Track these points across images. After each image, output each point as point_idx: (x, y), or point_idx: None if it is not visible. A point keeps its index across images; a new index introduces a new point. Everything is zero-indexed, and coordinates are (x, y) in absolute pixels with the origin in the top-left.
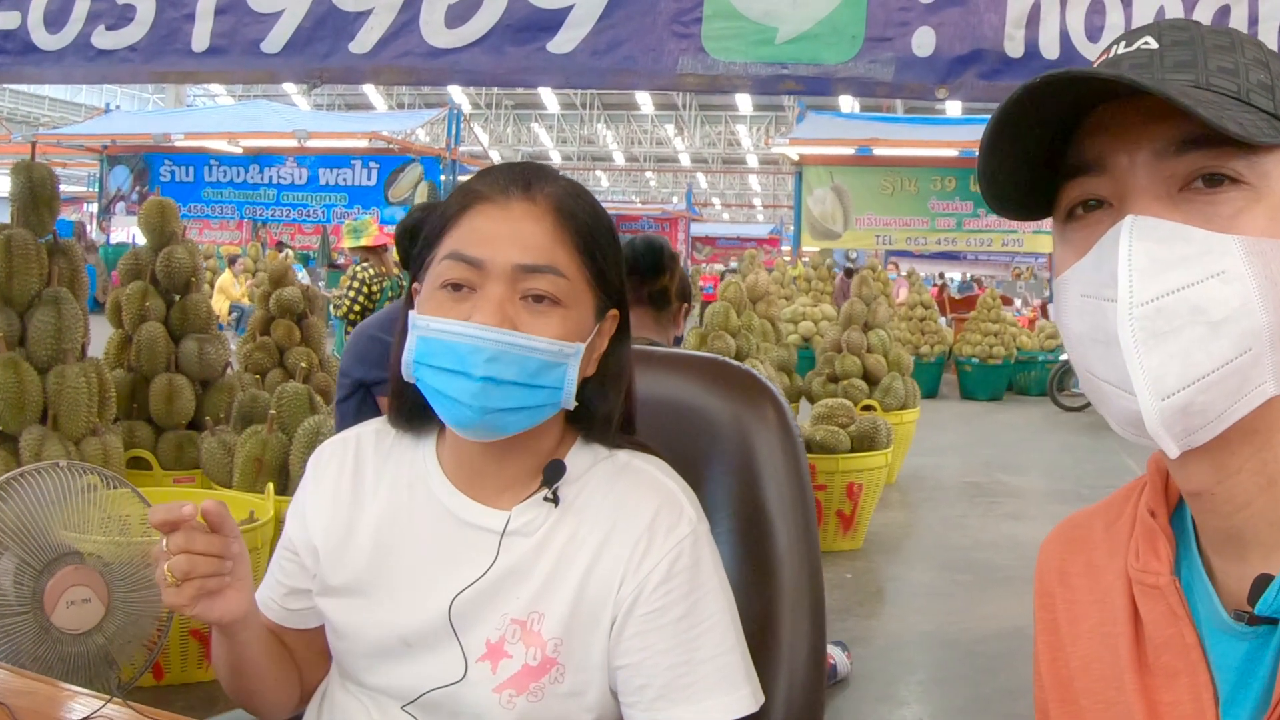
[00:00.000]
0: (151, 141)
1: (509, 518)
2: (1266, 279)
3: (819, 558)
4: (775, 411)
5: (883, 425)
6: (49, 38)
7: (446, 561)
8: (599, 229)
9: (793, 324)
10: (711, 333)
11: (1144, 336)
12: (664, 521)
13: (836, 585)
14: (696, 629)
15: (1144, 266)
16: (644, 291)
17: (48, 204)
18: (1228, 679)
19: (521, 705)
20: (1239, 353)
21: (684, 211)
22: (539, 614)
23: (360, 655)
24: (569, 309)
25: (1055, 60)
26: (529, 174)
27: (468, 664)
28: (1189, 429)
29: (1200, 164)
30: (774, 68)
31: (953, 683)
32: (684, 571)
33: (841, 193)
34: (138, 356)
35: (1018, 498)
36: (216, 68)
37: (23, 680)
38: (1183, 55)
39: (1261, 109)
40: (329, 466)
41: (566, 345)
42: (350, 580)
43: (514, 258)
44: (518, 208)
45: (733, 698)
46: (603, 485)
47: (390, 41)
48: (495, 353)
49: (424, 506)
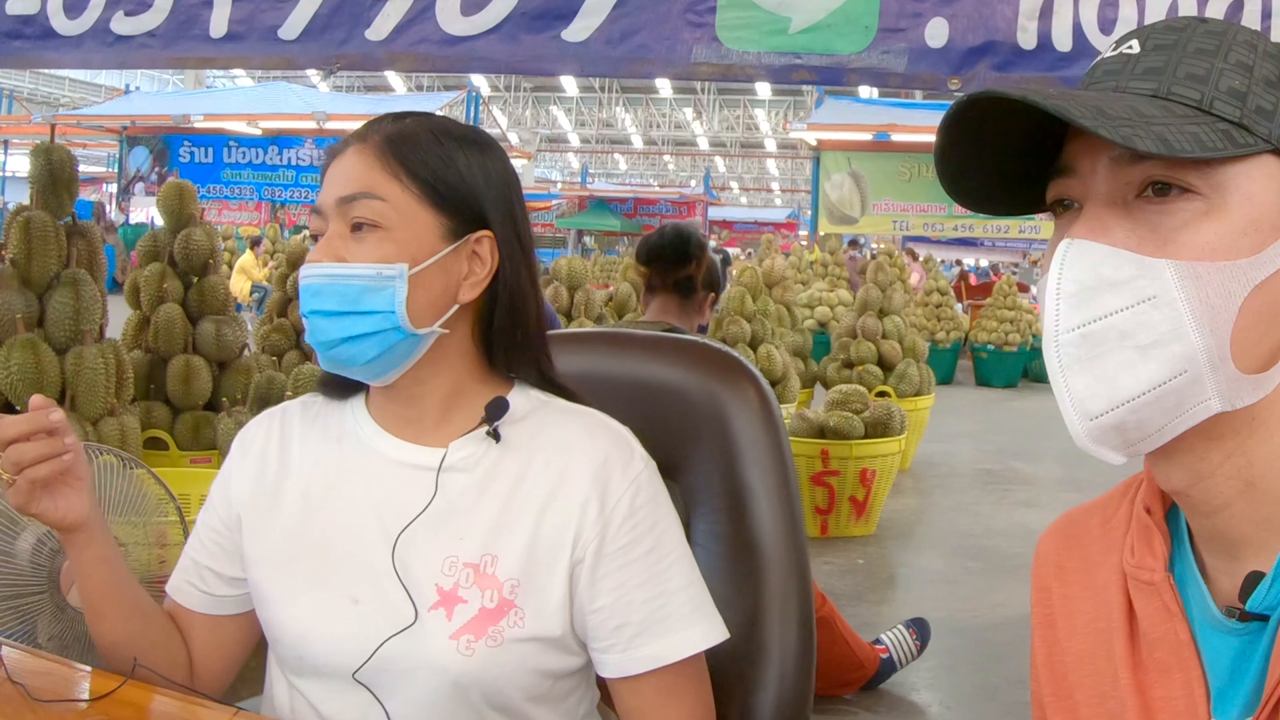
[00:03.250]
0: (171, 123)
1: (445, 453)
2: (1201, 302)
3: (804, 537)
4: (756, 392)
5: (896, 411)
6: (68, 23)
7: (382, 504)
8: (443, 153)
9: (809, 309)
10: (727, 317)
11: (1069, 361)
12: (618, 458)
13: (848, 571)
14: (665, 561)
15: (1071, 293)
16: (669, 279)
17: (67, 186)
18: (1219, 675)
19: (482, 651)
20: (1172, 375)
21: (701, 195)
22: (492, 556)
23: (305, 628)
24: (390, 231)
25: (1068, 52)
26: (373, 123)
27: (417, 609)
28: (1128, 441)
29: (1151, 173)
30: (787, 57)
31: (962, 670)
32: (645, 505)
33: (859, 178)
34: (155, 338)
35: (1031, 485)
36: (234, 54)
37: (37, 660)
38: (1156, 61)
39: (1224, 117)
40: (254, 441)
41: (386, 267)
42: (282, 545)
43: (336, 193)
44: (350, 151)
45: (705, 626)
46: (547, 427)
47: (406, 28)
48: (318, 286)
49: (355, 455)
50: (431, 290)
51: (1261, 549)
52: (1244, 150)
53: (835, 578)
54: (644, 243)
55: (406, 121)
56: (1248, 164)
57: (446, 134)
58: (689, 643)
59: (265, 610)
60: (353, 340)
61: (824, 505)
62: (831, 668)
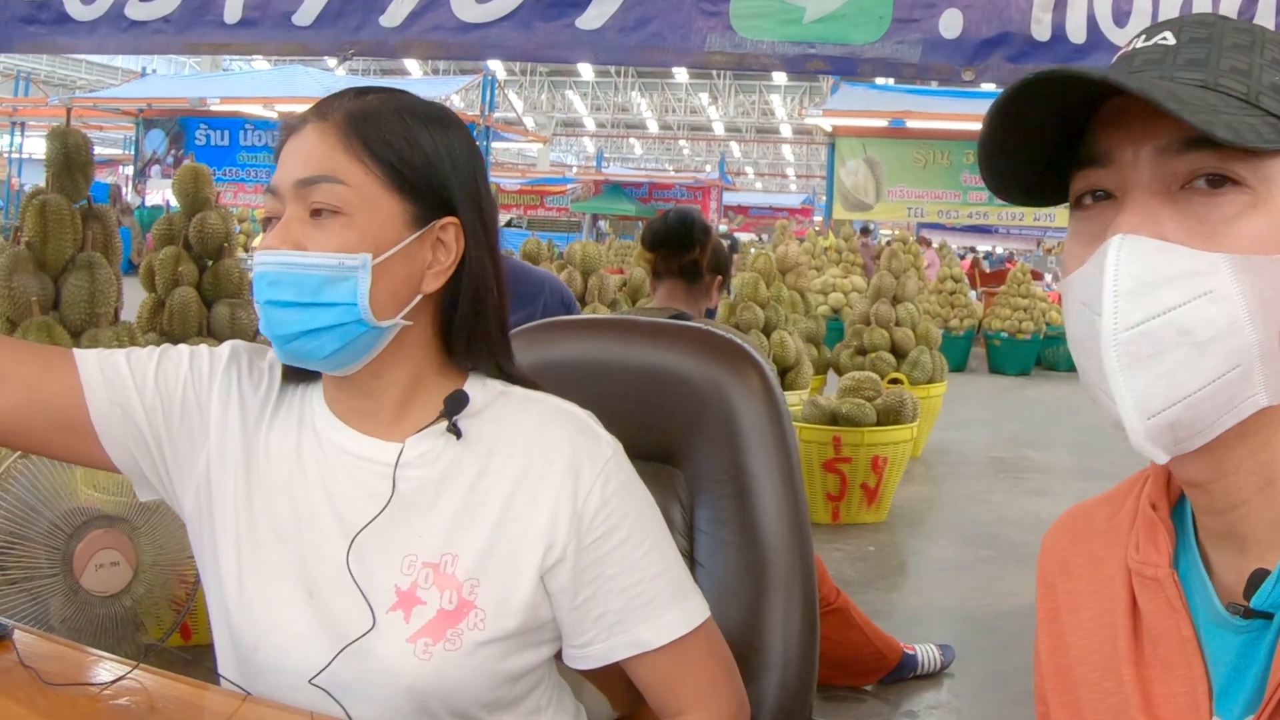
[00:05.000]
0: (187, 105)
1: (402, 449)
2: (1256, 295)
3: (808, 523)
4: (759, 378)
5: (908, 399)
6: (83, 9)
7: (338, 498)
8: (409, 135)
9: (823, 295)
10: (740, 304)
11: (1129, 360)
12: (584, 449)
13: (859, 558)
14: (641, 547)
15: (1129, 289)
16: (675, 264)
17: (82, 170)
18: (1222, 672)
19: (439, 655)
20: (1227, 369)
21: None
22: (452, 555)
23: (259, 618)
24: (352, 217)
25: (1081, 45)
26: (332, 97)
27: (374, 612)
28: (1177, 440)
29: (1202, 164)
30: (801, 47)
31: (971, 658)
32: (617, 493)
33: (874, 164)
34: (170, 321)
35: (1043, 474)
36: (248, 40)
37: (49, 644)
38: (1196, 53)
39: (1270, 112)
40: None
41: (349, 257)
42: (241, 520)
43: (294, 174)
44: (309, 129)
45: (686, 606)
46: (506, 419)
47: (420, 15)
48: (275, 275)
49: (312, 444)
50: (395, 280)
51: (1270, 548)
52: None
53: (846, 565)
54: (648, 228)
55: (369, 98)
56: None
57: (410, 112)
58: (670, 626)
59: (219, 589)
60: (312, 334)
61: (835, 492)
62: (849, 658)
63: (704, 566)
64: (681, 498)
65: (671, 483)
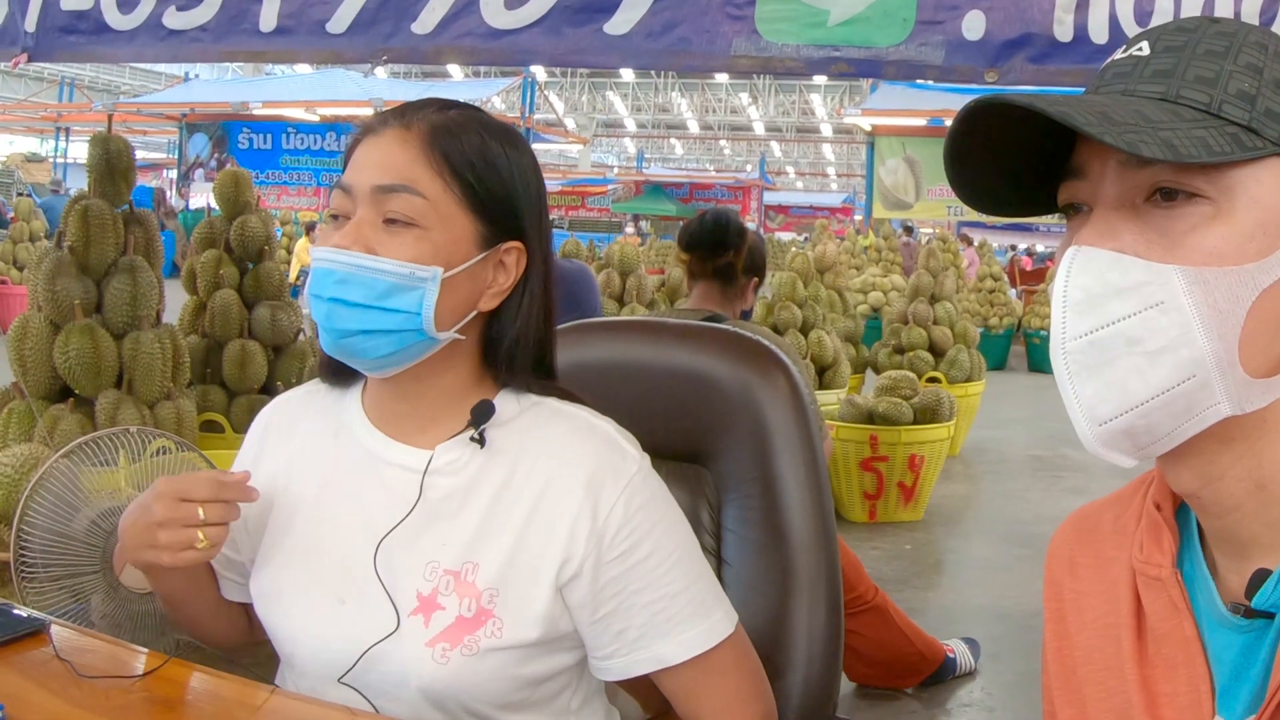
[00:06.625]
0: (230, 110)
1: (431, 456)
2: (1209, 307)
3: (833, 524)
4: (786, 381)
5: (946, 398)
6: (121, 18)
7: (369, 504)
8: (488, 155)
9: (862, 294)
10: (778, 303)
11: (1077, 369)
12: (608, 464)
13: (895, 556)
14: (665, 564)
15: (1077, 301)
16: (710, 266)
17: (124, 175)
18: (1225, 671)
19: (456, 660)
20: (1181, 379)
21: (757, 180)
22: (473, 564)
23: (294, 627)
24: (427, 231)
25: (1104, 45)
26: (415, 105)
27: (399, 615)
28: (1138, 445)
29: (1158, 178)
30: (826, 50)
31: (1005, 657)
32: (641, 509)
33: (913, 163)
34: (211, 323)
35: (1081, 472)
36: (283, 47)
37: (85, 638)
38: (1165, 63)
39: (1233, 121)
40: (263, 431)
41: (420, 268)
42: (279, 539)
43: (372, 179)
44: (390, 134)
45: (709, 622)
46: (534, 431)
47: (451, 22)
48: (343, 275)
49: (348, 452)
50: (457, 296)
51: (1271, 549)
52: (1252, 154)
53: (882, 563)
54: (684, 229)
55: (452, 113)
56: (1255, 167)
57: (489, 130)
58: (692, 643)
59: (261, 605)
60: (370, 334)
61: (872, 491)
62: (889, 658)
63: (730, 565)
64: (709, 497)
65: (699, 482)
